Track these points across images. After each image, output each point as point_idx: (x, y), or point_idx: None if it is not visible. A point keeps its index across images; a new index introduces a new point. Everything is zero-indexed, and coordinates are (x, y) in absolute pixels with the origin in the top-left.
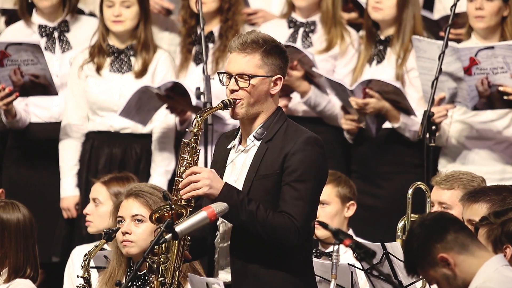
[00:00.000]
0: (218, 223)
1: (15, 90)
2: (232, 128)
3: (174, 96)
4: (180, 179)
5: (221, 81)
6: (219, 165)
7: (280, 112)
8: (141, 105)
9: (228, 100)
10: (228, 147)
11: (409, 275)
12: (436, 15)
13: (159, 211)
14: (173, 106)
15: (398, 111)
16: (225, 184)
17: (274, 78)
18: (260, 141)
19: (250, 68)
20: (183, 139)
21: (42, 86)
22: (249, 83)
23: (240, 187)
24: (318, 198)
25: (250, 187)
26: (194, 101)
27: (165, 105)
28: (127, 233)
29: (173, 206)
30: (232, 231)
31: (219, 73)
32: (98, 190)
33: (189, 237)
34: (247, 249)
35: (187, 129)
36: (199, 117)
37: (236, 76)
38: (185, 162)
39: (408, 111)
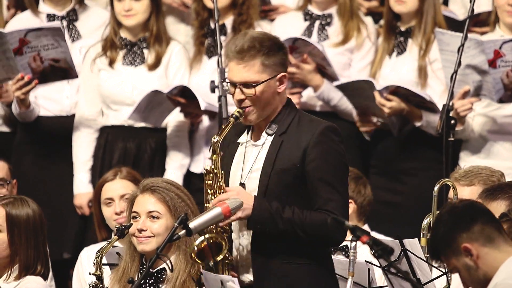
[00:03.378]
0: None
1: (34, 78)
2: None
3: (185, 100)
4: (208, 206)
5: (228, 91)
6: (227, 159)
7: (290, 104)
8: (152, 107)
9: (238, 111)
10: (238, 141)
11: (432, 260)
12: (452, 5)
13: (196, 247)
14: (186, 110)
15: (420, 110)
16: (255, 199)
17: (278, 76)
18: (274, 135)
19: (252, 75)
20: (204, 168)
21: (62, 70)
22: (254, 91)
23: (255, 180)
24: (348, 184)
25: (268, 181)
26: (202, 106)
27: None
28: (143, 230)
29: (208, 237)
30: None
31: (222, 81)
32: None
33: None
34: (268, 245)
35: (207, 158)
36: (215, 143)
37: (240, 86)
38: (211, 189)
39: (434, 110)
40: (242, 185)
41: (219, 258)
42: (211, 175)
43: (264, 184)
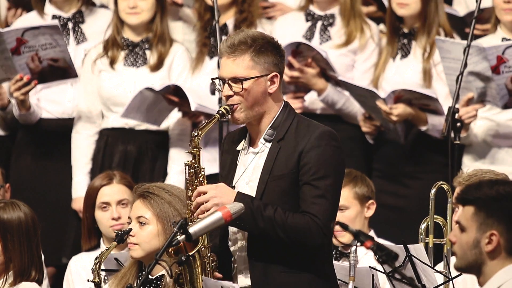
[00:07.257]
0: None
1: (33, 78)
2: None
3: (178, 99)
4: (190, 202)
5: (217, 89)
6: (229, 167)
7: (288, 108)
8: (149, 105)
9: (224, 108)
10: (238, 148)
11: (457, 201)
12: (456, 6)
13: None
14: (183, 109)
15: (425, 113)
16: (237, 195)
17: (269, 76)
18: (271, 142)
19: (241, 70)
20: (184, 162)
21: (61, 70)
22: (242, 87)
23: (254, 189)
24: (339, 193)
25: (264, 188)
26: (193, 107)
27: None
28: (131, 235)
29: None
30: (249, 236)
31: (212, 79)
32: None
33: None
34: (266, 253)
35: (185, 151)
36: (196, 136)
37: (229, 81)
38: (192, 185)
39: (439, 112)
40: (233, 188)
41: (191, 253)
42: (191, 170)
43: (260, 192)
